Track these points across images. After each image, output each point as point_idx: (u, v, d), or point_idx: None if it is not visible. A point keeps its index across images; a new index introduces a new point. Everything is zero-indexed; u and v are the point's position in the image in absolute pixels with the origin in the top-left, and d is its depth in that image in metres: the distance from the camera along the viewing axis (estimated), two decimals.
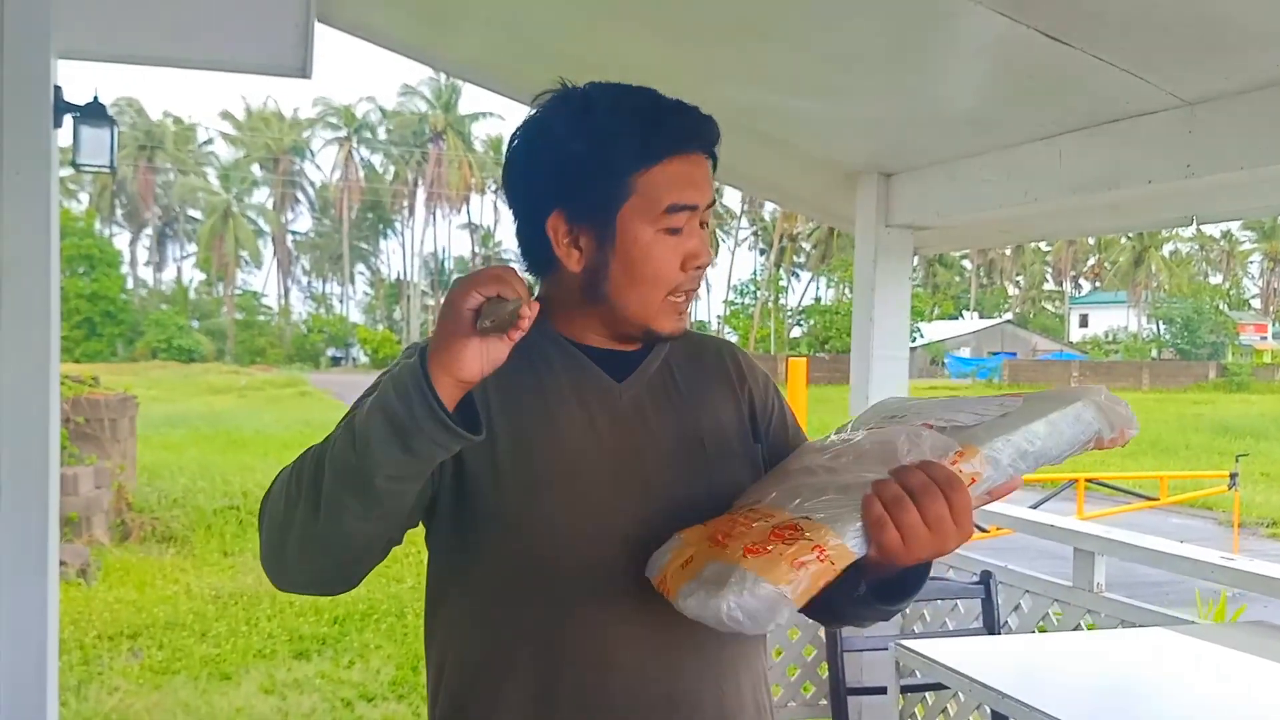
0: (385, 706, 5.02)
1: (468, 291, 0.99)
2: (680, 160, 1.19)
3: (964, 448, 1.02)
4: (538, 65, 3.21)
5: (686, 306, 1.25)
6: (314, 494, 1.04)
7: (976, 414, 1.08)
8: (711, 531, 1.09)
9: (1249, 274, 67.80)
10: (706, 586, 1.00)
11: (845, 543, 0.98)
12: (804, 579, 0.97)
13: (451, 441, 1.00)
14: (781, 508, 1.06)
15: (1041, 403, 1.07)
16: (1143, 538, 3.07)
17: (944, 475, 0.99)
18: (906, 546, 0.99)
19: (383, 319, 66.00)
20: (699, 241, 1.22)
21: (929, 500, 0.98)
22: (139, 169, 57.47)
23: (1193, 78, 2.16)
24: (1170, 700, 2.15)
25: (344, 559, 1.11)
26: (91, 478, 8.22)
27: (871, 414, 1.25)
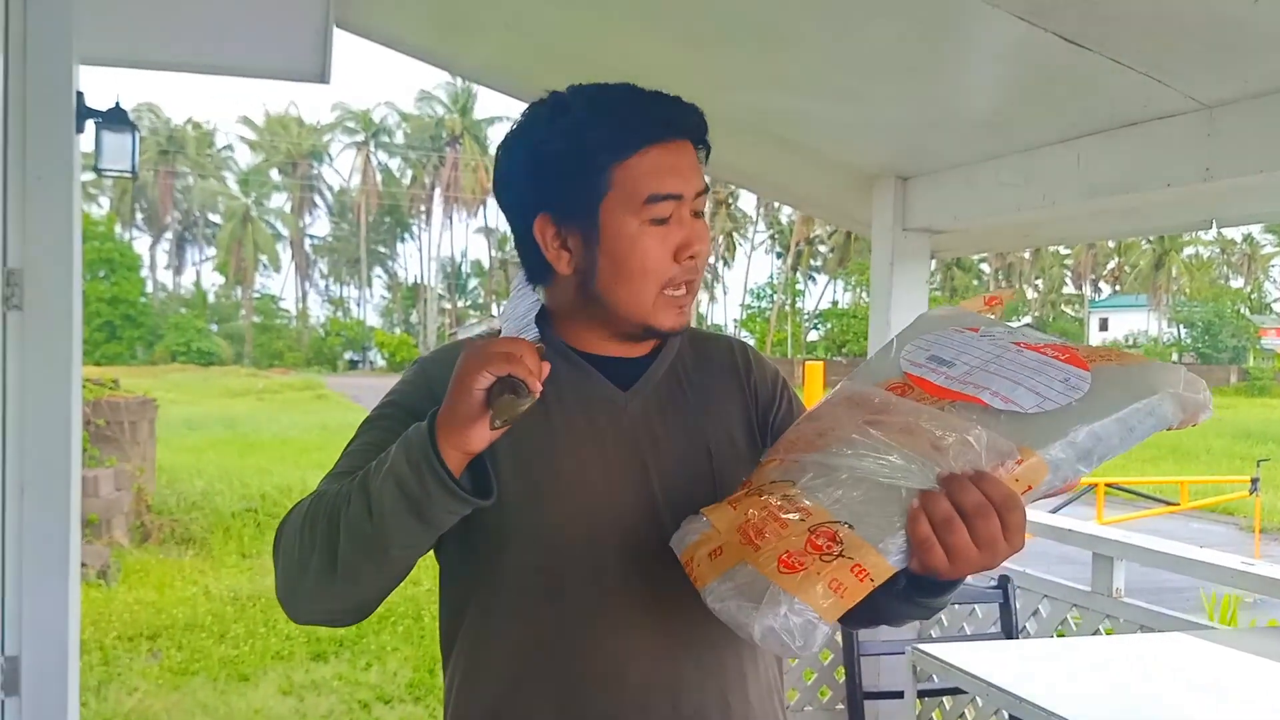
0: (402, 709, 5.04)
1: (479, 372, 0.98)
2: (659, 149, 1.16)
3: (1024, 455, 0.92)
4: (553, 69, 3.22)
5: (688, 300, 1.21)
6: (329, 552, 1.06)
7: (1038, 393, 0.96)
8: (742, 521, 1.02)
9: (1270, 278, 67.20)
10: (740, 597, 0.95)
11: (885, 560, 0.92)
12: (840, 601, 0.91)
13: (465, 509, 1.03)
14: (819, 501, 0.97)
15: (1114, 389, 0.94)
16: (1162, 543, 3.05)
17: (1001, 495, 0.91)
18: (953, 565, 0.93)
19: (400, 322, 66.21)
20: (689, 231, 1.18)
21: (982, 522, 0.91)
22: (159, 174, 57.87)
23: (1211, 81, 2.15)
24: (1189, 706, 2.13)
25: (357, 605, 1.15)
26: (112, 480, 8.29)
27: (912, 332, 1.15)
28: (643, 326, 1.20)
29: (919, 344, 1.12)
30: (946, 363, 1.06)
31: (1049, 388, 0.96)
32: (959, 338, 1.10)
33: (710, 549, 1.02)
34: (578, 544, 1.16)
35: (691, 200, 1.18)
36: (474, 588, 1.21)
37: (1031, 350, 1.03)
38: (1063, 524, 3.37)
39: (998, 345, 1.05)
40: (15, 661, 2.15)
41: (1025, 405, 0.95)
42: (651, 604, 1.15)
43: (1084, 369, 0.97)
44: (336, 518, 1.06)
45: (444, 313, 63.73)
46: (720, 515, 1.05)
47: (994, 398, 0.97)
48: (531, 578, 1.17)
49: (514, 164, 1.22)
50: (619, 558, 1.16)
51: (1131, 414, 0.93)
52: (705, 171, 1.24)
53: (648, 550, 1.14)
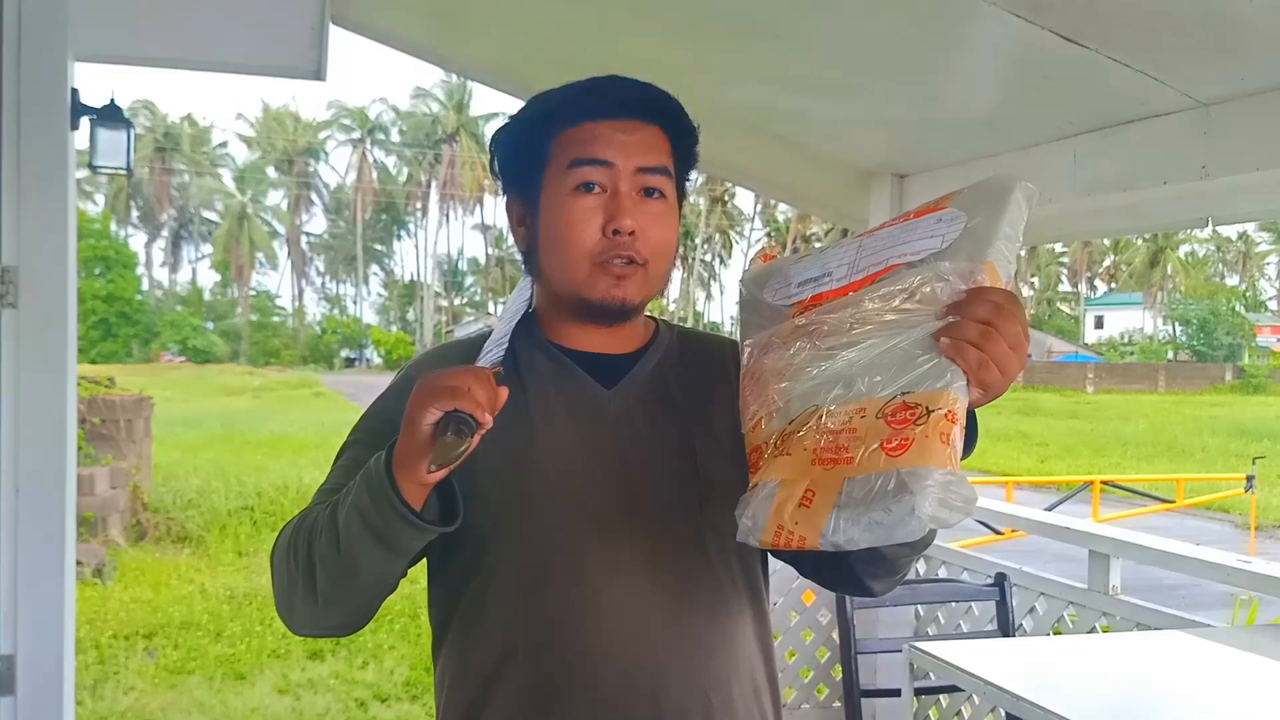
0: (399, 707, 5.04)
1: (425, 408, 0.99)
2: (604, 124, 1.18)
3: (985, 264, 0.96)
4: (551, 67, 3.20)
5: (631, 275, 1.17)
6: (310, 580, 1.10)
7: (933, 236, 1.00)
8: (810, 456, 0.98)
9: (1266, 275, 67.38)
10: (874, 507, 0.91)
11: (959, 396, 0.92)
12: (954, 451, 0.91)
13: (428, 537, 1.05)
14: (857, 398, 0.97)
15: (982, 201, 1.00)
16: (1158, 540, 3.06)
17: (1003, 294, 0.95)
18: (1004, 375, 0.94)
19: (396, 320, 66.21)
20: (618, 204, 1.16)
21: (1007, 323, 0.93)
22: (155, 171, 57.81)
23: (1208, 79, 2.15)
24: (1186, 703, 2.13)
25: (350, 620, 1.16)
26: (107, 478, 8.28)
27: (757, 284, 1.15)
28: (577, 299, 1.19)
29: (774, 285, 1.12)
30: (821, 276, 1.07)
31: (935, 229, 1.00)
32: (804, 263, 1.11)
33: (797, 500, 0.97)
34: (558, 542, 1.16)
35: (630, 175, 1.17)
36: (458, 585, 1.21)
37: (880, 229, 1.06)
38: (1059, 522, 3.37)
39: (846, 246, 1.08)
40: (10, 660, 2.14)
41: (935, 247, 0.98)
42: (633, 602, 1.14)
43: (943, 208, 1.01)
44: (312, 548, 1.09)
45: (440, 310, 63.71)
46: (780, 468, 1.01)
47: (904, 258, 1.00)
48: (513, 575, 1.17)
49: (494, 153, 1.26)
50: (601, 556, 1.15)
51: (1013, 209, 0.99)
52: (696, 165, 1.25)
53: (630, 548, 1.14)
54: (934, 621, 3.60)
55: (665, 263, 1.22)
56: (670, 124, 1.21)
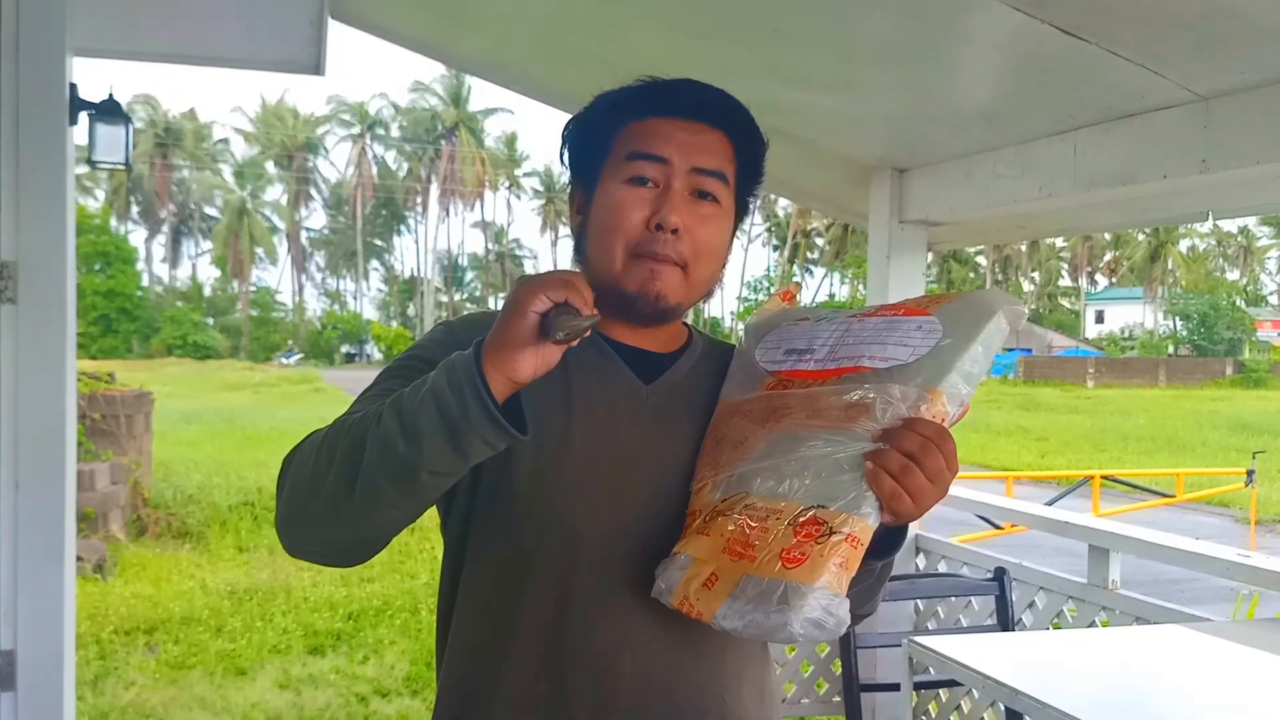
0: (399, 702, 5.04)
1: (536, 294, 0.97)
2: (665, 122, 1.19)
3: (932, 393, 1.03)
4: (550, 61, 3.21)
5: (665, 272, 1.17)
6: (349, 471, 1.02)
7: (906, 345, 1.08)
8: (724, 543, 1.06)
9: (1266, 270, 67.33)
10: (761, 607, 0.99)
11: (867, 522, 1.00)
12: (847, 573, 0.99)
13: (501, 441, 0.99)
14: (783, 499, 1.04)
15: (962, 319, 1.07)
16: (1158, 535, 3.05)
17: (934, 430, 1.01)
18: (916, 506, 1.01)
19: (397, 315, 66.21)
20: (668, 201, 1.16)
21: (930, 459, 1.00)
22: (155, 166, 57.77)
23: (1208, 72, 2.14)
24: (1185, 698, 2.13)
25: (364, 537, 1.10)
26: (108, 474, 8.28)
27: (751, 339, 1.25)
28: (615, 292, 1.18)
29: (766, 345, 1.22)
30: (804, 350, 1.16)
31: (911, 338, 1.08)
32: (798, 328, 1.20)
33: (702, 580, 1.05)
34: (583, 532, 1.16)
35: (685, 174, 1.18)
36: (477, 560, 1.20)
37: (870, 317, 1.15)
38: (1059, 516, 3.37)
39: (837, 324, 1.17)
40: (11, 656, 2.15)
41: (902, 358, 1.06)
42: (651, 600, 1.13)
43: (926, 315, 1.10)
44: (362, 438, 1.02)
45: (441, 306, 63.71)
46: (698, 546, 1.09)
47: (874, 360, 1.08)
48: (535, 558, 1.16)
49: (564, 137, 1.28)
50: (623, 549, 1.15)
51: (986, 335, 1.06)
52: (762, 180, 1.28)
53: (654, 541, 1.14)
54: (933, 616, 3.60)
55: (709, 267, 1.22)
56: (738, 133, 1.22)
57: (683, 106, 1.20)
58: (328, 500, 1.04)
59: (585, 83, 1.38)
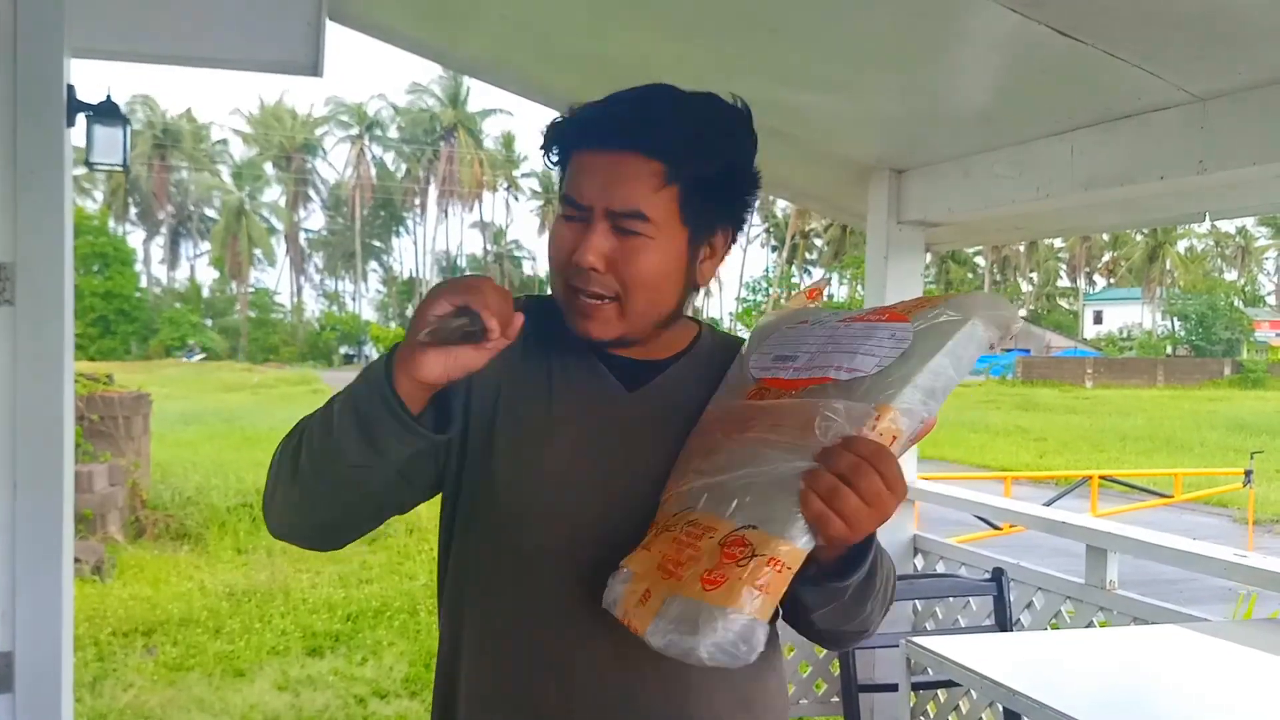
0: (398, 703, 5.04)
1: (437, 299, 1.01)
2: (591, 156, 1.16)
3: (879, 409, 0.98)
4: (548, 62, 3.21)
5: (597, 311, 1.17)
6: (293, 465, 1.11)
7: (873, 354, 1.03)
8: (659, 559, 1.05)
9: (1264, 270, 67.41)
10: (678, 628, 0.97)
11: (795, 545, 0.96)
12: (767, 597, 0.95)
13: (410, 438, 1.04)
14: (720, 516, 1.02)
15: (934, 329, 1.03)
16: (1156, 535, 3.06)
17: (871, 449, 0.96)
18: (851, 530, 0.96)
19: (395, 316, 66.16)
20: (586, 242, 1.14)
21: (864, 480, 0.95)
22: (153, 167, 57.75)
23: (1205, 73, 2.15)
24: (1183, 698, 2.14)
25: (322, 523, 1.17)
26: (106, 475, 8.27)
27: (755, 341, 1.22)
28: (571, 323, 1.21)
29: (764, 349, 1.18)
30: (790, 358, 1.13)
31: (881, 347, 1.04)
32: (793, 332, 1.17)
33: (639, 595, 1.04)
34: (553, 535, 1.17)
35: (603, 215, 1.14)
36: (459, 555, 1.24)
37: (857, 321, 1.11)
38: (1056, 517, 3.37)
39: (827, 327, 1.14)
40: (9, 657, 2.14)
41: (867, 369, 1.02)
42: None
43: (905, 321, 1.06)
44: (305, 431, 1.11)
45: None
46: (639, 561, 1.08)
47: (839, 371, 1.04)
48: (508, 557, 1.19)
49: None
50: (591, 556, 1.15)
51: (957, 344, 1.01)
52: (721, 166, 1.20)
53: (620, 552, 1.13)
54: (932, 616, 3.60)
55: (650, 296, 1.17)
56: (665, 151, 1.15)
57: (606, 135, 1.16)
58: (283, 488, 1.14)
59: (583, 84, 1.38)
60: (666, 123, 1.16)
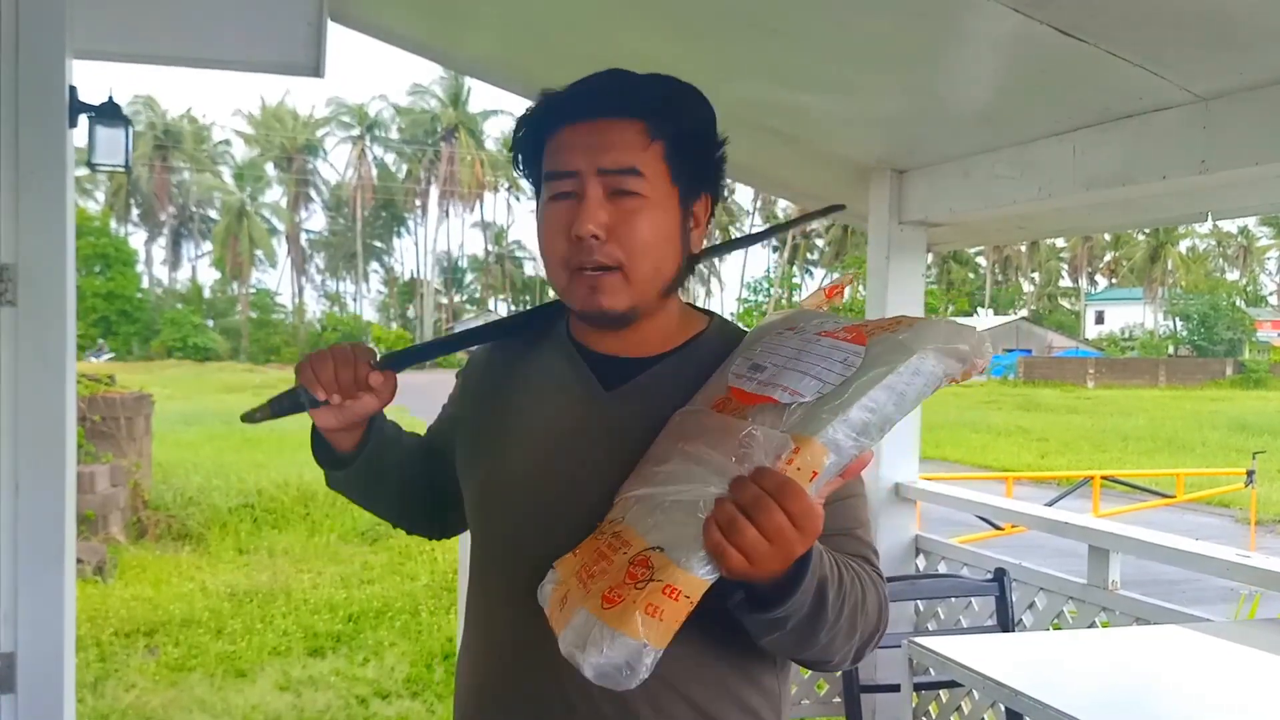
0: (400, 704, 5.04)
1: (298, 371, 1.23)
2: (572, 130, 1.17)
3: (798, 443, 0.93)
4: (549, 62, 3.21)
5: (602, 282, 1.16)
6: None
7: (820, 378, 0.97)
8: (580, 565, 1.03)
9: (1266, 270, 67.37)
10: (575, 641, 0.95)
11: (694, 575, 0.92)
12: (662, 624, 0.91)
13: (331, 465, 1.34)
14: (638, 531, 0.99)
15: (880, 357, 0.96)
16: (1158, 535, 3.05)
17: (775, 484, 0.91)
18: (752, 565, 0.92)
19: (396, 317, 66.18)
20: (581, 209, 1.14)
21: (764, 515, 0.91)
22: (154, 168, 57.78)
23: (1206, 73, 2.14)
24: (1186, 698, 2.13)
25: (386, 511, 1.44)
26: (108, 476, 8.28)
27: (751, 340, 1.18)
28: (569, 304, 1.22)
29: (749, 353, 1.13)
30: (761, 368, 1.07)
31: (829, 371, 0.98)
32: (777, 340, 1.11)
33: (559, 598, 1.03)
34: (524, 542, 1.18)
35: (594, 178, 1.14)
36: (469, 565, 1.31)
37: (828, 337, 1.04)
38: (1058, 517, 3.37)
39: (803, 338, 1.07)
40: (11, 658, 2.14)
41: (807, 394, 0.97)
42: None
43: (861, 344, 0.99)
44: None
45: (440, 308, 63.73)
46: (565, 564, 1.06)
47: (783, 393, 0.99)
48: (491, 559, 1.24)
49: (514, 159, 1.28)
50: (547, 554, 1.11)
51: (897, 379, 0.94)
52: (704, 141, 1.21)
53: None
54: (934, 617, 3.60)
55: (651, 260, 1.17)
56: (651, 113, 1.16)
57: (582, 108, 1.17)
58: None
59: None
60: (638, 88, 1.18)
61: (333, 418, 1.23)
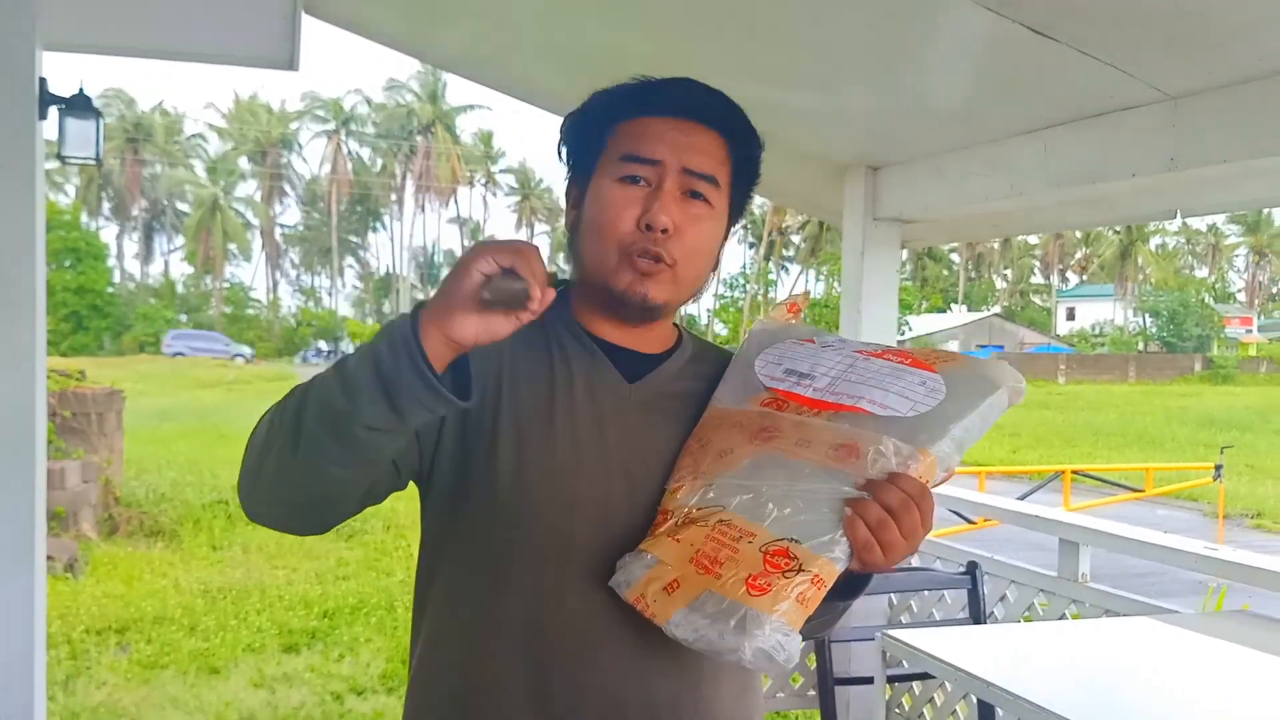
0: (375, 700, 5.03)
1: (484, 256, 0.96)
2: (659, 121, 1.20)
3: (922, 453, 1.04)
4: (525, 58, 3.20)
5: (658, 273, 1.18)
6: (295, 428, 1.02)
7: (906, 397, 1.09)
8: (691, 552, 1.07)
9: (1234, 267, 68.22)
10: (716, 625, 1.01)
11: (835, 566, 1.02)
12: (805, 610, 1.00)
13: (435, 402, 0.97)
14: (758, 522, 1.05)
15: (967, 387, 1.09)
16: (1127, 528, 3.10)
17: (917, 489, 1.02)
18: (887, 559, 1.02)
19: (372, 312, 65.84)
20: (659, 201, 1.17)
21: (907, 515, 1.01)
22: (126, 161, 57.18)
23: (1176, 71, 2.17)
24: (1154, 688, 2.17)
25: (315, 498, 1.09)
26: (79, 472, 8.20)
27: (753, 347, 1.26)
28: (605, 288, 1.20)
29: (767, 358, 1.23)
30: (805, 375, 1.18)
31: (914, 391, 1.09)
32: (802, 350, 1.22)
33: (664, 584, 1.06)
34: (562, 529, 1.15)
35: (677, 174, 1.18)
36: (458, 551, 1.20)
37: (876, 358, 1.16)
38: (1030, 510, 3.41)
39: (843, 355, 1.18)
40: None
41: (901, 410, 1.08)
42: None
43: (932, 371, 1.11)
44: (308, 394, 1.03)
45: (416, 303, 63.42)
46: (665, 549, 1.10)
47: (873, 405, 1.09)
48: (516, 552, 1.16)
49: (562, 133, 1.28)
50: (601, 547, 1.14)
51: (987, 408, 1.08)
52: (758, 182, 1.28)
53: (635, 539, 1.14)
54: (907, 610, 3.63)
55: (698, 267, 1.22)
56: (732, 133, 1.23)
57: (677, 106, 1.21)
58: (277, 459, 1.04)
59: (561, 79, 1.39)
60: (725, 104, 1.24)
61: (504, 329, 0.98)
